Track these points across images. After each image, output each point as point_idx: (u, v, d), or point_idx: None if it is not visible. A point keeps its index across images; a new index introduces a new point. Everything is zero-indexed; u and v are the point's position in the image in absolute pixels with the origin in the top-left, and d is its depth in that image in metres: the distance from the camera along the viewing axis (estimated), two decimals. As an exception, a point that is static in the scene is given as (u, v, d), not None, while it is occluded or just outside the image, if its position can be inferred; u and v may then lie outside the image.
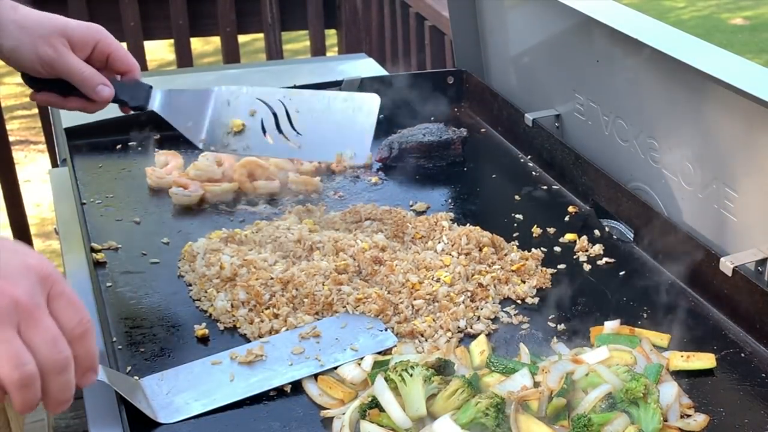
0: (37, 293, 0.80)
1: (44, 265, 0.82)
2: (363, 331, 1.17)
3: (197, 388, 1.08)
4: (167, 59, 6.23)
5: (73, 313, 0.83)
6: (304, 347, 1.14)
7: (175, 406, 1.05)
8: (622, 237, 1.45)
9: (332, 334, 1.17)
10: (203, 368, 1.11)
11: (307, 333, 1.16)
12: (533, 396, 0.99)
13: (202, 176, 1.58)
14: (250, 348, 1.13)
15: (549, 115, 1.72)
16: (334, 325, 1.19)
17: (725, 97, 1.23)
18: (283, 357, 1.13)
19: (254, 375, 1.10)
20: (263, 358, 1.12)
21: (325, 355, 1.13)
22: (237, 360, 1.12)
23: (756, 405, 1.07)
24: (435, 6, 2.71)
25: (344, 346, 1.15)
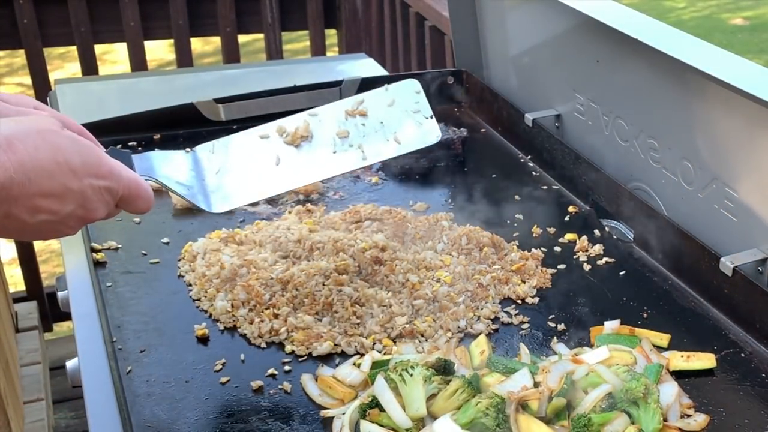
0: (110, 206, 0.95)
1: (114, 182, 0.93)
2: (408, 114, 1.12)
3: (245, 167, 1.05)
4: (167, 59, 6.23)
5: (141, 204, 0.97)
6: (349, 129, 1.10)
7: (224, 192, 1.03)
8: (622, 237, 1.45)
9: (378, 114, 1.11)
10: (252, 142, 1.09)
11: (353, 110, 1.12)
12: (533, 396, 0.99)
13: (202, 176, 1.58)
14: (298, 125, 1.10)
15: (549, 115, 1.72)
16: (381, 101, 1.13)
17: (725, 97, 1.23)
18: (328, 140, 1.09)
19: (298, 160, 1.06)
20: (308, 138, 1.09)
21: (369, 144, 1.08)
22: (284, 137, 1.09)
23: (756, 405, 1.07)
24: (435, 6, 2.71)
25: (388, 135, 1.10)
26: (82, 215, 0.92)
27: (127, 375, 1.12)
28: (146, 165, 1.06)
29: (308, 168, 1.06)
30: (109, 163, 0.94)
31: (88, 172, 0.91)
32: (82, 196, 0.90)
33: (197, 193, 1.04)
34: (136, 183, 0.96)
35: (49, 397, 2.82)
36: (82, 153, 0.91)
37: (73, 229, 0.93)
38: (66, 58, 6.44)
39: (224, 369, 1.14)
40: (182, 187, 1.04)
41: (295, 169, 1.06)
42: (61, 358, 1.31)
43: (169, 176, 1.04)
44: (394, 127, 1.10)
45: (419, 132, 1.10)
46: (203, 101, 1.80)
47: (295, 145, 1.08)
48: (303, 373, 1.12)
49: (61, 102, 2.00)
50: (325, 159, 1.07)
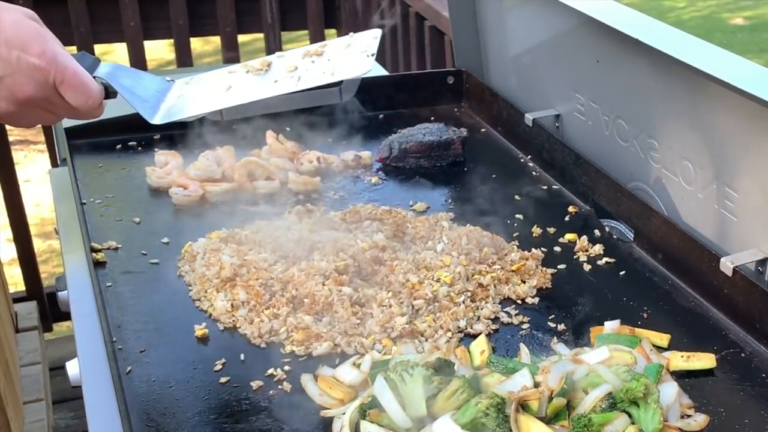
0: (45, 89, 0.99)
1: (44, 62, 0.98)
2: (355, 53, 1.19)
3: (202, 93, 1.15)
4: (167, 59, 6.23)
5: (78, 97, 1.01)
6: (299, 65, 1.18)
7: (171, 110, 1.13)
8: (622, 237, 1.45)
9: (331, 54, 1.20)
10: (220, 75, 1.18)
11: (313, 51, 1.21)
12: (533, 396, 0.99)
13: (202, 176, 1.58)
14: (266, 58, 1.20)
15: (549, 115, 1.72)
16: (341, 45, 1.22)
17: (725, 97, 1.23)
18: (278, 73, 1.18)
19: (244, 88, 1.16)
20: (263, 71, 1.18)
21: (307, 75, 1.17)
22: (247, 71, 1.18)
23: (756, 405, 1.07)
24: (435, 6, 2.71)
25: (326, 69, 1.18)
26: (10, 85, 0.98)
27: (127, 375, 1.12)
28: (107, 70, 1.10)
29: (247, 92, 1.15)
30: (46, 46, 0.99)
31: (18, 45, 0.97)
32: (10, 66, 0.97)
33: (149, 107, 1.12)
34: (74, 72, 1.00)
35: (48, 397, 2.81)
36: (19, 29, 0.98)
37: (10, 104, 0.99)
38: (66, 58, 6.43)
39: (224, 369, 1.14)
40: (136, 98, 1.11)
41: (237, 93, 1.15)
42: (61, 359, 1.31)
43: (127, 86, 1.10)
44: (337, 63, 1.18)
45: (353, 65, 1.18)
46: (203, 101, 1.80)
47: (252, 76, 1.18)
48: (303, 373, 1.12)
49: (61, 102, 2.00)
50: (264, 85, 1.16)
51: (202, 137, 1.76)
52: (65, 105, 1.03)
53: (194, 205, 1.54)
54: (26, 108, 1.01)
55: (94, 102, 1.04)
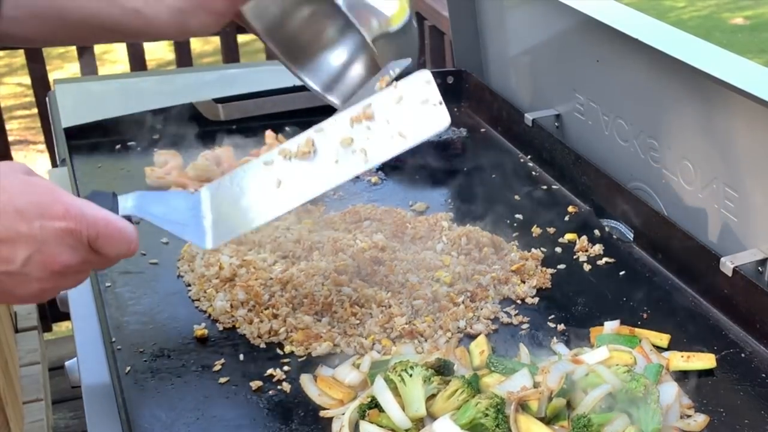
0: (80, 250, 0.89)
1: (72, 222, 0.87)
2: (416, 106, 1.06)
3: (246, 197, 1.03)
4: (167, 59, 6.23)
5: (118, 245, 0.92)
6: (353, 136, 1.05)
7: (221, 227, 1.01)
8: (622, 237, 1.45)
9: (385, 114, 1.06)
10: (256, 170, 1.06)
11: (359, 115, 1.06)
12: (533, 396, 0.99)
13: (202, 176, 1.58)
14: (299, 142, 1.06)
15: (549, 115, 1.71)
16: (389, 100, 1.07)
17: (726, 97, 1.23)
18: (331, 151, 1.04)
19: (298, 178, 1.03)
20: (311, 154, 1.05)
21: (372, 146, 1.03)
22: (288, 157, 1.05)
23: (756, 405, 1.07)
24: (435, 6, 2.71)
25: (392, 133, 1.04)
26: (42, 261, 0.86)
27: (127, 375, 1.11)
28: (132, 204, 1.00)
29: (309, 183, 1.03)
30: (66, 202, 0.88)
31: (37, 212, 0.85)
32: (35, 240, 0.85)
33: (192, 230, 1.01)
34: (106, 222, 0.90)
35: (48, 397, 2.81)
36: (30, 192, 0.86)
37: (44, 281, 0.87)
38: (66, 58, 6.44)
39: (224, 369, 1.13)
40: (175, 225, 1.01)
41: (295, 187, 1.03)
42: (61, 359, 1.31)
43: (159, 215, 1.00)
44: (400, 123, 1.05)
45: (426, 121, 1.05)
46: (203, 101, 1.80)
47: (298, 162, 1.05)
48: (302, 374, 1.12)
49: (61, 102, 2.00)
50: (326, 170, 1.04)
51: (201, 137, 1.76)
52: (102, 259, 0.93)
53: (194, 205, 1.54)
54: (62, 279, 0.90)
55: (135, 246, 0.94)
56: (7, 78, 6.41)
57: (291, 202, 1.03)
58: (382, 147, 1.04)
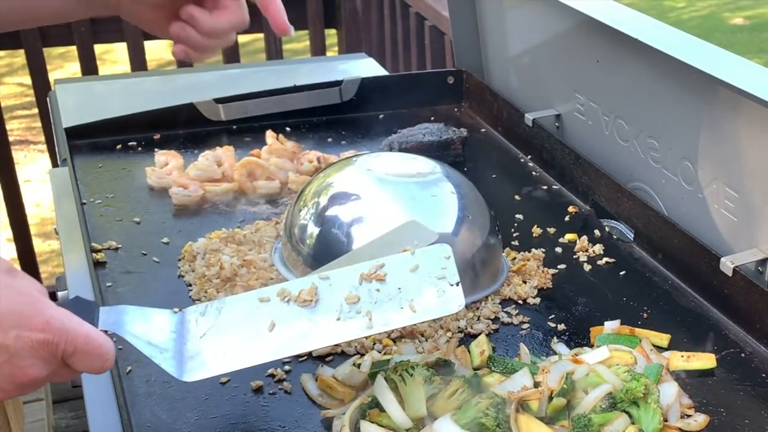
0: (51, 364, 0.84)
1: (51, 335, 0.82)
2: (432, 280, 1.01)
3: (234, 333, 0.96)
4: (167, 59, 6.23)
5: (93, 362, 0.86)
6: (360, 294, 0.99)
7: (202, 359, 0.95)
8: (622, 237, 1.45)
9: (397, 280, 1.00)
10: (249, 305, 0.99)
11: (370, 274, 1.01)
12: (533, 396, 0.99)
13: (202, 176, 1.58)
14: (303, 288, 1.00)
15: (549, 115, 1.72)
16: (403, 266, 1.02)
17: (726, 97, 1.23)
18: (334, 305, 0.99)
19: (294, 326, 0.97)
20: (312, 303, 0.99)
21: (378, 312, 0.98)
22: (286, 299, 0.99)
23: (756, 405, 1.07)
24: (435, 6, 2.71)
25: (402, 303, 0.98)
26: (10, 372, 0.81)
27: (127, 375, 1.12)
28: (113, 319, 0.94)
29: (303, 336, 0.97)
30: (48, 314, 0.83)
31: (16, 322, 0.80)
32: (7, 350, 0.80)
33: (171, 357, 0.95)
34: (86, 338, 0.84)
35: (48, 397, 2.81)
36: (11, 300, 0.81)
37: (5, 392, 0.83)
38: (66, 58, 6.44)
39: (224, 369, 1.13)
40: (154, 349, 0.95)
41: (288, 336, 0.96)
42: (61, 358, 1.32)
43: (140, 334, 0.95)
44: (413, 294, 0.99)
45: (440, 300, 0.99)
46: (203, 101, 1.80)
47: (297, 308, 0.98)
48: (303, 373, 1.12)
49: (61, 102, 2.00)
50: (326, 326, 0.97)
51: (202, 137, 1.76)
52: (71, 373, 0.87)
53: (194, 205, 1.54)
54: (24, 389, 0.84)
55: (110, 364, 0.87)
56: (7, 78, 6.41)
57: (282, 351, 0.97)
58: (389, 315, 0.98)
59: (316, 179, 1.34)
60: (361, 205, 1.25)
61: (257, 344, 0.96)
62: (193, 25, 1.13)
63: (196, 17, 1.12)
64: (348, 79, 1.90)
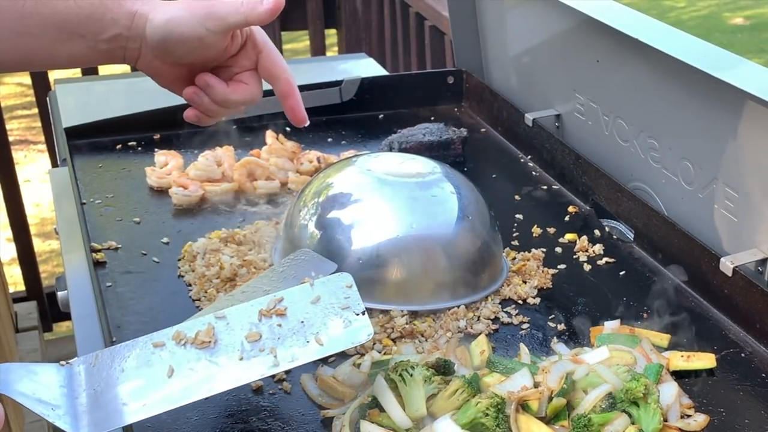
0: None
1: None
2: (336, 311, 1.00)
3: (130, 382, 0.92)
4: (167, 59, 6.22)
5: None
6: (262, 331, 0.96)
7: (99, 413, 0.90)
8: (622, 237, 1.45)
9: (299, 314, 0.98)
10: (142, 351, 0.95)
11: (269, 310, 0.99)
12: (533, 396, 0.99)
13: (202, 176, 1.58)
14: (199, 329, 0.96)
15: (549, 115, 1.72)
16: (304, 298, 1.00)
17: (726, 97, 1.23)
18: (235, 344, 0.95)
19: (195, 370, 0.94)
20: (211, 345, 0.95)
21: (283, 348, 0.95)
22: (182, 342, 0.95)
23: (756, 405, 1.07)
24: (435, 6, 2.72)
25: (308, 336, 0.96)
26: None
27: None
28: None
29: (207, 379, 0.93)
30: None
31: None
32: None
33: (64, 414, 0.88)
34: None
35: (49, 397, 2.81)
36: None
37: None
38: (66, 58, 6.43)
39: (224, 369, 1.13)
40: (45, 406, 0.89)
41: (191, 380, 0.92)
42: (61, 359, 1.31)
43: (28, 393, 0.89)
44: (317, 327, 0.97)
45: (347, 331, 0.97)
46: (203, 101, 1.80)
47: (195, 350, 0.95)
48: (303, 373, 1.12)
49: (61, 102, 2.00)
50: (228, 366, 0.93)
51: (202, 137, 1.76)
52: None
53: (194, 205, 1.54)
54: None
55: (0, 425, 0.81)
56: (7, 78, 6.41)
57: (187, 396, 0.92)
58: (295, 350, 0.96)
59: (316, 179, 1.34)
60: (361, 205, 1.25)
61: (158, 392, 0.92)
62: (207, 93, 1.13)
63: (211, 86, 1.12)
64: (348, 79, 1.90)
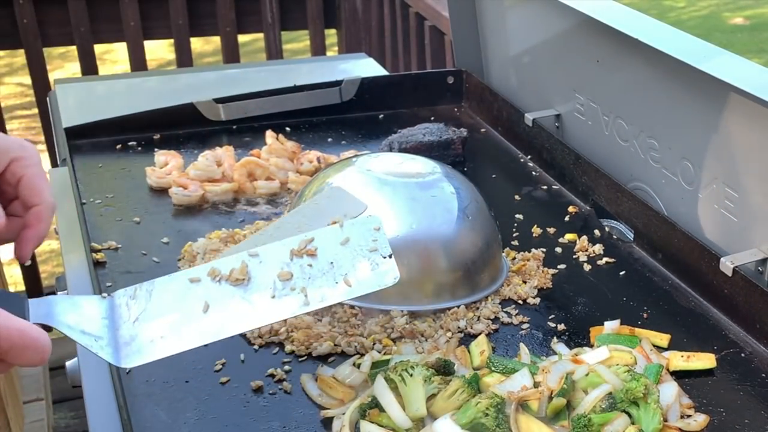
0: None
1: None
2: (364, 253, 1.01)
3: (168, 316, 0.95)
4: (167, 59, 6.23)
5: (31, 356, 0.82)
6: (293, 271, 0.99)
7: (138, 344, 0.92)
8: (622, 237, 1.45)
9: (328, 255, 1.00)
10: (180, 286, 0.97)
11: (300, 250, 1.00)
12: (533, 396, 0.99)
13: (202, 176, 1.58)
14: (234, 266, 0.98)
15: (549, 115, 1.72)
16: (333, 239, 1.02)
17: (726, 97, 1.23)
18: (267, 282, 0.98)
19: (230, 306, 0.96)
20: (245, 282, 0.98)
21: (313, 288, 0.98)
22: (217, 278, 0.98)
23: (756, 405, 1.07)
24: (435, 6, 2.71)
25: (337, 277, 0.99)
26: None
27: (127, 375, 1.12)
28: (44, 311, 0.90)
29: (240, 315, 0.96)
30: None
31: None
32: None
33: (106, 345, 0.92)
34: (18, 333, 0.82)
35: (48, 397, 2.82)
36: None
37: None
38: (66, 58, 6.45)
39: (224, 369, 1.14)
40: (88, 338, 0.92)
41: (225, 316, 0.95)
42: (61, 358, 1.31)
43: (73, 325, 0.92)
44: (346, 268, 0.99)
45: (374, 274, 0.99)
46: (203, 101, 1.80)
47: (230, 287, 0.97)
48: (303, 373, 1.12)
49: (61, 102, 2.00)
50: (261, 304, 0.96)
51: (202, 137, 1.76)
52: (7, 367, 0.84)
53: (194, 205, 1.54)
54: None
55: (47, 356, 0.83)
56: (7, 78, 6.41)
57: (219, 332, 0.95)
58: (325, 291, 0.98)
59: (316, 179, 1.34)
60: None
61: (193, 326, 0.95)
62: None
63: None
64: (348, 79, 1.90)
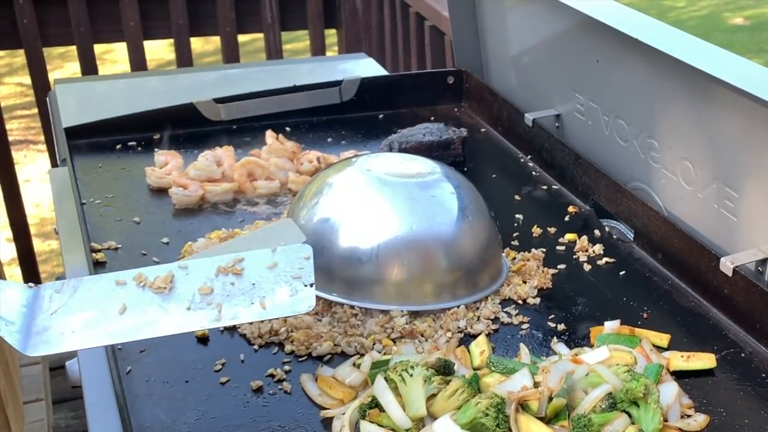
0: None
1: None
2: (287, 279, 1.04)
3: (85, 312, 0.97)
4: (167, 59, 6.23)
5: None
6: (214, 287, 1.02)
7: (49, 335, 0.94)
8: (622, 237, 1.45)
9: (253, 276, 1.04)
10: (105, 286, 1.00)
11: (227, 267, 1.04)
12: (533, 396, 0.99)
13: (202, 176, 1.58)
14: (160, 274, 1.02)
15: (549, 115, 1.72)
16: (262, 262, 1.05)
17: (725, 97, 1.23)
18: (187, 294, 1.01)
19: (145, 312, 0.99)
20: (166, 291, 1.01)
21: (229, 305, 1.00)
22: (142, 284, 1.01)
23: (756, 405, 1.07)
24: (435, 6, 2.71)
25: (254, 298, 1.02)
26: None
27: (127, 375, 1.12)
28: None
29: (152, 322, 0.98)
30: None
31: None
32: None
33: (16, 331, 0.94)
34: None
35: (48, 397, 2.82)
36: None
37: None
38: (66, 58, 6.45)
39: (224, 369, 1.14)
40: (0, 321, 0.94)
41: (138, 320, 0.98)
42: (61, 358, 1.31)
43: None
44: (265, 291, 1.02)
45: (291, 299, 1.02)
46: (203, 101, 1.80)
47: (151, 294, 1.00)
48: (303, 373, 1.12)
49: (61, 102, 2.00)
50: (175, 314, 0.99)
51: (202, 137, 1.76)
52: None
53: (194, 205, 1.54)
54: None
55: None
56: (7, 78, 6.41)
57: (128, 335, 0.98)
58: (238, 310, 1.01)
59: (316, 179, 1.34)
60: (361, 205, 1.25)
61: (106, 326, 0.97)
62: None
63: None
64: (348, 79, 1.90)
